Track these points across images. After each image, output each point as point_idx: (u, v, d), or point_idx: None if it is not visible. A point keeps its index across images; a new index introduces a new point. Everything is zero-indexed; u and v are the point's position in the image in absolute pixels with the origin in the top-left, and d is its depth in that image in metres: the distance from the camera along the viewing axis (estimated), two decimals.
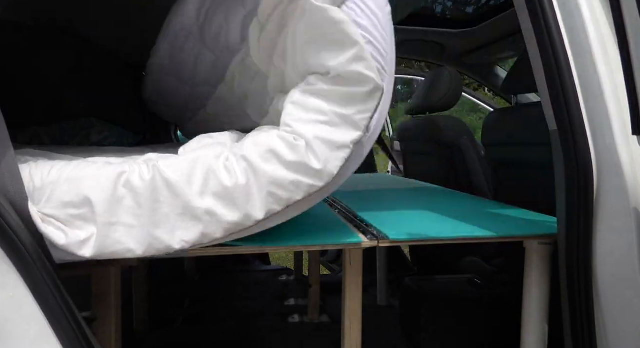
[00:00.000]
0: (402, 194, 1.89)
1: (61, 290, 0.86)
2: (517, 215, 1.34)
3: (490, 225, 1.18)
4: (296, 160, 0.89)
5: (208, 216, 0.89)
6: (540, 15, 1.02)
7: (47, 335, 0.82)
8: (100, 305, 1.06)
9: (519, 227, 1.21)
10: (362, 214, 1.31)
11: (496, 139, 1.64)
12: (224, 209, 0.89)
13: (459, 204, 1.53)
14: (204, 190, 0.89)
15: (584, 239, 1.00)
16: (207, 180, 0.89)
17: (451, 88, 2.19)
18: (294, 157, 0.89)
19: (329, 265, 3.18)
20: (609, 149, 0.97)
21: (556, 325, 1.09)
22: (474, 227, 1.17)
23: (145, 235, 0.87)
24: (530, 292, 1.13)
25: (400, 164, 2.89)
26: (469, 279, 2.00)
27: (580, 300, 1.01)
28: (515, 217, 1.31)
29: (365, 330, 1.15)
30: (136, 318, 1.86)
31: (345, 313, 1.17)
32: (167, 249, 0.89)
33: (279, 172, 0.89)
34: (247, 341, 1.74)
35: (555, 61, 1.01)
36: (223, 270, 2.76)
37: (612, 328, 0.99)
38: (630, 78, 0.83)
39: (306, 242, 1.09)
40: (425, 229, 1.16)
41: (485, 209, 1.43)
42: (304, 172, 0.89)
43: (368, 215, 1.28)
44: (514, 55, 2.62)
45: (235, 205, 0.89)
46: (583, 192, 0.99)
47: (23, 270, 0.82)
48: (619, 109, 0.97)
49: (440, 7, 2.53)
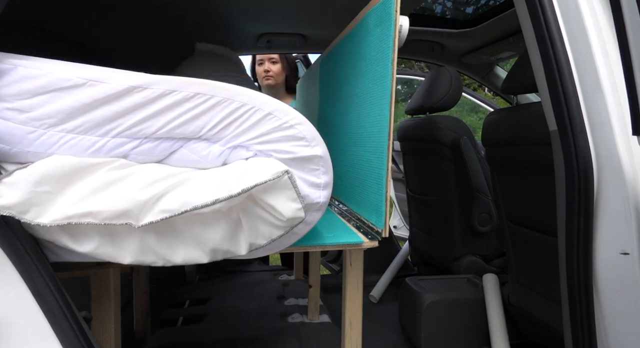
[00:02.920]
0: None
1: (61, 290, 0.86)
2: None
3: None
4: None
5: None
6: (540, 15, 1.02)
7: (47, 335, 0.82)
8: (100, 306, 1.06)
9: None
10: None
11: (496, 138, 1.64)
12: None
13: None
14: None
15: (584, 239, 1.00)
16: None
17: (451, 88, 2.19)
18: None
19: (329, 265, 3.18)
20: (609, 149, 0.97)
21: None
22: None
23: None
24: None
25: (400, 163, 2.89)
26: (469, 279, 2.00)
27: (580, 300, 1.01)
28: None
29: (365, 330, 1.15)
30: (136, 318, 1.86)
31: (345, 313, 1.17)
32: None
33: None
34: (247, 341, 1.74)
35: (555, 61, 1.01)
36: (223, 270, 2.76)
37: (612, 328, 0.99)
38: (630, 78, 0.83)
39: (306, 242, 1.09)
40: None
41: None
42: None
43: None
44: (514, 55, 2.62)
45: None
46: (583, 192, 0.99)
47: (23, 270, 0.82)
48: (619, 109, 0.97)
49: (440, 7, 2.53)
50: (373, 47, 1.15)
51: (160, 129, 0.93)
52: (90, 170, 0.89)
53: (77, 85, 0.87)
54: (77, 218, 0.86)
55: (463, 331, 1.82)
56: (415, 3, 2.07)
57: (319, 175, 1.00)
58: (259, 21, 2.11)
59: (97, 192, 0.88)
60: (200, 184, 0.92)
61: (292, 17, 2.09)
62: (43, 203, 0.85)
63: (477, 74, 2.90)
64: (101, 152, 0.91)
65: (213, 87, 0.93)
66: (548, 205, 1.39)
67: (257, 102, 0.95)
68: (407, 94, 7.91)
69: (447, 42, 2.56)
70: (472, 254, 2.22)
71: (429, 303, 1.79)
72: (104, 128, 0.90)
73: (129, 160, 0.95)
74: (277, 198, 0.94)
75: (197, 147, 0.97)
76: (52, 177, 0.86)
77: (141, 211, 0.88)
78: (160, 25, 1.79)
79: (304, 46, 2.48)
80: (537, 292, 1.57)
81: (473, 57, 2.69)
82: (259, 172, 0.92)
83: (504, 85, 1.59)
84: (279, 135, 0.95)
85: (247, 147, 0.97)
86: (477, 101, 3.49)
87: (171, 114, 0.92)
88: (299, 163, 0.97)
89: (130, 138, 0.93)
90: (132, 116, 0.91)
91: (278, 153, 0.96)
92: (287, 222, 0.96)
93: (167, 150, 0.96)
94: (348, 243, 1.10)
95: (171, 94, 0.91)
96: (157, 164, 0.98)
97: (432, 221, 2.41)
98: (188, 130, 0.94)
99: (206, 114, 0.94)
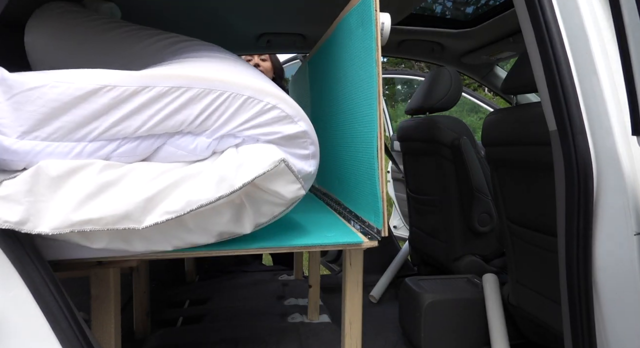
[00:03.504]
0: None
1: (61, 290, 0.86)
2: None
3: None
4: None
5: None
6: (540, 15, 1.02)
7: (47, 335, 0.82)
8: (100, 306, 1.06)
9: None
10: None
11: (496, 139, 1.64)
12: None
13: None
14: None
15: (584, 239, 1.00)
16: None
17: (451, 88, 2.19)
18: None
19: (329, 265, 3.18)
20: (609, 149, 0.97)
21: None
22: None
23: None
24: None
25: (400, 163, 2.89)
26: (469, 279, 2.00)
27: (580, 300, 1.01)
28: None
29: (365, 330, 1.15)
30: (136, 318, 1.86)
31: (345, 313, 1.17)
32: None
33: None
34: (247, 341, 1.74)
35: (555, 61, 1.01)
36: (223, 270, 2.76)
37: (612, 328, 0.99)
38: (630, 78, 0.83)
39: (306, 242, 1.09)
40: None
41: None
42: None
43: None
44: (514, 55, 2.62)
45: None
46: (583, 192, 0.99)
47: (23, 271, 0.82)
48: (618, 109, 0.97)
49: (440, 7, 2.53)
50: (357, 47, 1.15)
51: (140, 128, 0.90)
52: (80, 172, 0.87)
53: (37, 87, 0.83)
54: (79, 226, 0.85)
55: (463, 331, 1.82)
56: (416, 3, 2.07)
57: (307, 146, 1.02)
58: (259, 21, 2.11)
59: (94, 197, 0.86)
60: (198, 181, 0.92)
61: (292, 17, 2.10)
62: (39, 211, 0.84)
63: (477, 74, 2.90)
64: (81, 157, 0.89)
65: (187, 78, 0.90)
66: (548, 205, 1.39)
67: (234, 87, 0.93)
68: (407, 94, 7.92)
69: (447, 42, 2.56)
70: (472, 254, 2.22)
71: (429, 303, 1.79)
72: (80, 132, 0.87)
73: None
74: (277, 184, 0.96)
75: (182, 142, 0.95)
76: (42, 183, 0.84)
77: (142, 212, 0.88)
78: (160, 25, 1.79)
79: (304, 46, 2.48)
80: (537, 292, 1.57)
81: (473, 57, 2.69)
82: (256, 163, 0.92)
83: (504, 85, 1.59)
84: (264, 119, 0.95)
85: (234, 134, 0.96)
86: (477, 101, 3.50)
87: (148, 111, 0.89)
88: (287, 140, 0.99)
89: (109, 140, 0.90)
90: (107, 118, 0.88)
91: (266, 135, 0.96)
92: (289, 201, 1.00)
93: (149, 148, 0.94)
94: (348, 243, 1.10)
95: (144, 90, 0.88)
96: (148, 162, 0.96)
97: (432, 221, 2.40)
98: (168, 126, 0.92)
99: (185, 108, 0.91)
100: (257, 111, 0.94)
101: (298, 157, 1.02)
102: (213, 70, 0.96)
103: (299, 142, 1.00)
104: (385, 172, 1.08)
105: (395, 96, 9.67)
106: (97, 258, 0.98)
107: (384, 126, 4.54)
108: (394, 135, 3.85)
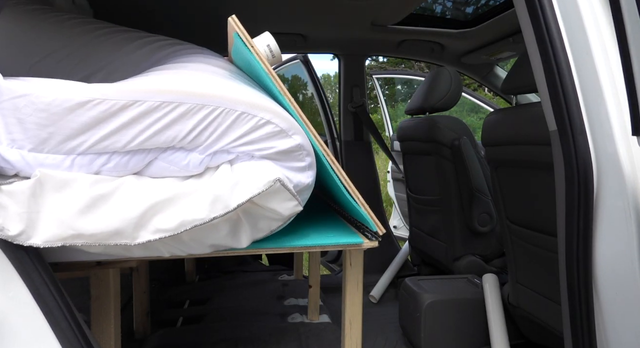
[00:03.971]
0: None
1: (61, 290, 0.86)
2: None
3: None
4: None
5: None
6: (539, 15, 1.02)
7: (46, 335, 0.82)
8: (100, 306, 1.06)
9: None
10: None
11: (496, 139, 1.64)
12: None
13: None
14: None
15: (584, 239, 1.00)
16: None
17: (451, 88, 2.19)
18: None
19: (329, 265, 3.18)
20: (609, 149, 0.97)
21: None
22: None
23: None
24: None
25: (400, 163, 2.89)
26: (469, 279, 2.00)
27: (580, 300, 1.01)
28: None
29: (365, 330, 1.15)
30: (136, 318, 1.86)
31: (345, 313, 1.17)
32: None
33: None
34: (247, 341, 1.74)
35: (555, 61, 1.01)
36: (223, 270, 2.76)
37: (612, 328, 0.99)
38: (630, 78, 0.83)
39: (306, 243, 1.09)
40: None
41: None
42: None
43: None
44: (514, 55, 2.62)
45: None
46: (583, 192, 0.99)
47: (23, 271, 0.82)
48: (618, 110, 0.97)
49: (440, 7, 2.53)
50: (253, 60, 1.11)
51: (130, 143, 0.88)
52: (72, 184, 0.86)
53: (25, 95, 0.81)
54: (71, 239, 0.85)
55: (463, 331, 1.82)
56: (416, 3, 2.07)
57: (303, 158, 1.00)
58: (259, 21, 2.11)
59: (86, 212, 0.85)
60: (193, 199, 0.90)
61: (292, 17, 2.10)
62: (33, 222, 0.83)
63: (477, 74, 2.90)
64: (72, 170, 0.87)
65: (179, 93, 0.88)
66: (548, 205, 1.39)
67: (227, 103, 0.91)
68: (407, 94, 7.92)
69: (447, 42, 2.56)
70: (472, 254, 2.22)
71: (428, 303, 1.79)
72: (68, 145, 0.85)
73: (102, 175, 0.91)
74: (273, 202, 0.96)
75: (174, 157, 0.93)
76: (37, 194, 0.83)
77: (135, 229, 0.87)
78: (159, 26, 1.79)
79: (304, 46, 2.49)
80: (537, 292, 1.57)
81: (473, 57, 2.69)
82: (251, 183, 0.91)
83: (504, 85, 1.59)
84: (258, 135, 0.93)
85: (227, 150, 0.95)
86: (477, 101, 3.50)
87: (138, 126, 0.87)
88: (282, 154, 0.97)
89: (98, 154, 0.88)
90: (96, 131, 0.85)
91: (260, 151, 0.95)
92: (286, 217, 1.00)
93: (140, 162, 0.92)
94: (348, 243, 1.10)
95: (134, 104, 0.86)
96: (140, 176, 0.94)
97: (432, 221, 2.41)
98: (160, 141, 0.90)
99: (177, 123, 0.89)
100: (250, 127, 0.93)
101: (295, 169, 1.00)
102: (205, 84, 0.94)
103: (294, 155, 0.99)
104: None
105: (395, 96, 9.67)
106: (96, 259, 0.98)
107: (384, 126, 4.51)
108: (394, 135, 3.85)
